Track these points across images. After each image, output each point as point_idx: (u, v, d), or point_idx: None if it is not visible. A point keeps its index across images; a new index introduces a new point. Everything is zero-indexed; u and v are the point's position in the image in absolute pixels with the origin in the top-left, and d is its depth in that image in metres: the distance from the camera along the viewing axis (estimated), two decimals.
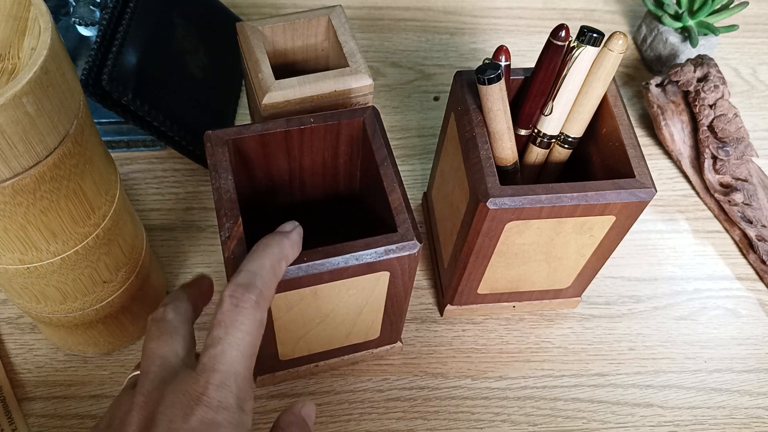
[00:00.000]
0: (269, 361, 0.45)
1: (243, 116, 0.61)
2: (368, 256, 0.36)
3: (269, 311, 0.38)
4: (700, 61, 0.61)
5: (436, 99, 0.65)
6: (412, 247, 0.36)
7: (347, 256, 0.36)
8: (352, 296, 0.39)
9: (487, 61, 0.41)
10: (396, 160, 0.60)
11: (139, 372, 0.31)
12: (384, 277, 0.38)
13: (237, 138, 0.39)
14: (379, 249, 0.36)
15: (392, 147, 0.61)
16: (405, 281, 0.39)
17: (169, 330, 0.32)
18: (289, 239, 0.34)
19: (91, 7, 0.53)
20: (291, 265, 0.35)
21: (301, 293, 0.37)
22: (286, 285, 0.36)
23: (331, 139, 0.42)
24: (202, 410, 0.28)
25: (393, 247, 0.36)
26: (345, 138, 0.42)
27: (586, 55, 0.40)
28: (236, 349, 0.30)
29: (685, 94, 0.61)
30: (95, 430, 0.30)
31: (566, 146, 0.44)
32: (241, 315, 0.30)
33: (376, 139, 0.40)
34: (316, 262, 0.35)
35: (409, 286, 0.40)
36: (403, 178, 0.59)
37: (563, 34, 0.40)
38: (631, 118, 0.58)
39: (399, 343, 0.49)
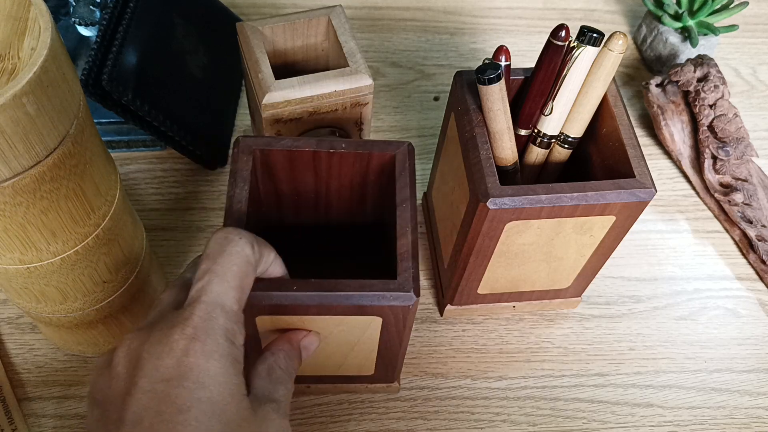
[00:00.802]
0: None
1: (243, 116, 0.61)
2: (360, 298, 0.34)
3: (256, 330, 0.37)
4: (700, 61, 0.61)
5: (436, 99, 0.65)
6: (408, 299, 0.35)
7: (338, 294, 0.34)
8: (342, 332, 0.38)
9: (487, 61, 0.41)
10: None
11: None
12: (376, 321, 0.37)
13: (265, 149, 0.39)
14: (372, 294, 0.34)
15: None
16: (399, 329, 0.38)
17: (178, 284, 0.33)
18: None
19: (91, 7, 0.53)
20: (279, 291, 0.34)
21: (287, 320, 0.37)
22: (271, 309, 0.35)
23: (360, 166, 0.41)
24: (185, 341, 0.28)
25: (388, 294, 0.34)
26: (375, 168, 0.41)
27: (586, 55, 0.40)
28: (223, 281, 0.29)
29: (685, 94, 0.61)
30: (94, 368, 0.30)
31: (566, 146, 0.44)
32: (228, 246, 0.30)
33: (402, 178, 0.39)
34: (305, 293, 0.34)
35: (404, 335, 0.39)
36: None
37: (563, 34, 0.40)
38: (631, 118, 0.57)
39: (396, 384, 0.47)
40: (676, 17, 0.65)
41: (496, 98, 0.40)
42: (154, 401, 0.27)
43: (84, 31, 0.54)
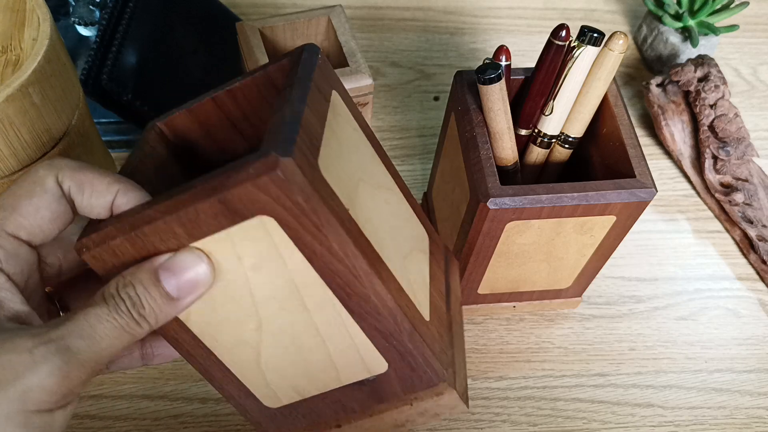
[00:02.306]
0: (255, 409, 0.35)
1: None
2: (218, 185, 0.25)
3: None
4: (701, 61, 0.61)
5: (436, 99, 0.65)
6: (271, 165, 0.24)
7: (192, 192, 0.26)
8: (259, 271, 0.28)
9: (487, 61, 0.41)
10: (396, 159, 0.60)
11: None
12: (274, 229, 0.26)
13: (169, 120, 0.33)
14: (230, 175, 0.25)
15: (393, 147, 0.61)
16: (320, 237, 0.26)
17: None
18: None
19: (90, 6, 0.53)
20: (132, 216, 0.26)
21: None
22: (136, 249, 0.26)
23: (268, 91, 0.33)
24: None
25: (249, 169, 0.24)
26: (284, 85, 0.33)
27: (586, 54, 0.40)
28: None
29: (686, 94, 0.61)
30: None
31: (567, 146, 0.44)
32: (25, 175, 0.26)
33: (292, 72, 0.30)
34: (159, 206, 0.26)
35: (339, 251, 0.26)
36: (403, 178, 0.59)
37: (564, 33, 0.40)
38: (632, 118, 0.57)
39: (449, 392, 0.31)
40: (677, 17, 0.65)
41: (497, 98, 0.40)
42: None
43: (83, 30, 0.54)
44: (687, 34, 0.65)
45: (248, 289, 0.28)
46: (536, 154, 0.45)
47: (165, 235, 0.26)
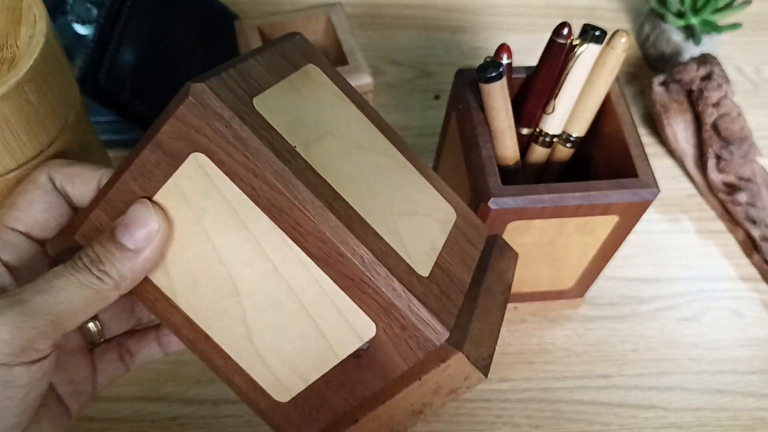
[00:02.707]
0: (268, 405, 0.33)
1: None
2: (152, 130, 0.26)
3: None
4: (704, 59, 0.60)
5: (437, 98, 0.64)
6: (185, 93, 0.24)
7: (138, 144, 0.27)
8: (215, 223, 0.27)
9: (488, 60, 0.40)
10: None
11: None
12: (211, 170, 0.25)
13: None
14: (162, 116, 0.26)
15: None
16: (255, 169, 0.25)
17: None
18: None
19: (88, 5, 0.53)
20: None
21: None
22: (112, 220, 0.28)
23: None
24: None
25: (172, 104, 0.25)
26: None
27: (588, 53, 0.40)
28: None
29: (689, 93, 0.61)
30: None
31: (569, 145, 0.44)
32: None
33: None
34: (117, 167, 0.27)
35: (274, 180, 0.25)
36: None
37: (566, 32, 0.39)
38: (634, 117, 0.57)
39: (457, 355, 0.27)
40: (680, 15, 0.65)
41: (498, 97, 0.39)
42: None
43: (81, 29, 0.54)
44: (690, 32, 0.64)
45: (211, 246, 0.28)
46: (538, 153, 0.45)
47: (126, 196, 0.27)
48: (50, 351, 0.26)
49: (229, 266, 0.28)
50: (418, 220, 0.31)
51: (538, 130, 0.44)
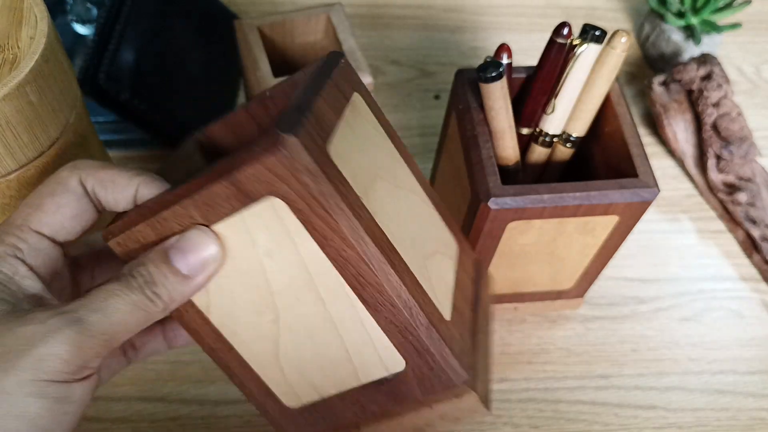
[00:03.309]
0: (276, 408, 0.34)
1: None
2: (228, 168, 0.26)
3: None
4: (704, 59, 0.60)
5: (437, 97, 0.64)
6: (276, 143, 0.24)
7: (208, 175, 0.27)
8: (273, 258, 0.28)
9: (488, 59, 0.40)
10: None
11: None
12: (284, 212, 0.26)
13: (206, 131, 0.35)
14: (240, 156, 0.26)
15: None
16: (328, 220, 0.26)
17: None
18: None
19: (87, 4, 0.53)
20: (151, 205, 0.28)
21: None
22: (158, 235, 0.28)
23: None
24: None
25: (255, 148, 0.25)
26: None
27: (588, 53, 0.40)
28: (23, 203, 0.27)
29: (689, 93, 0.61)
30: None
31: (569, 145, 0.44)
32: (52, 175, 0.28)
33: (311, 73, 0.30)
34: (177, 190, 0.27)
35: (348, 234, 0.26)
36: None
37: (566, 31, 0.39)
38: (634, 117, 0.57)
39: (470, 396, 0.30)
40: (680, 15, 0.65)
41: (498, 97, 0.39)
42: None
43: (81, 29, 0.54)
44: (690, 32, 0.64)
45: (264, 278, 0.29)
46: (538, 153, 0.45)
47: (182, 219, 0.27)
48: (98, 367, 0.27)
49: (278, 298, 0.29)
50: (438, 260, 0.33)
51: (538, 130, 0.44)
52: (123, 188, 0.28)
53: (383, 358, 0.30)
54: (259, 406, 0.34)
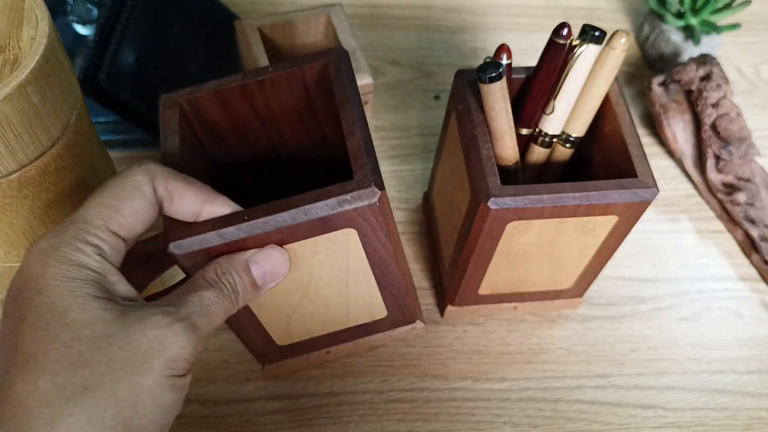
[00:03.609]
0: (266, 346, 0.42)
1: None
2: (319, 209, 0.30)
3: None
4: (703, 60, 0.61)
5: (436, 98, 0.64)
6: (371, 195, 0.30)
7: (294, 211, 0.30)
8: (324, 262, 0.34)
9: (488, 60, 0.40)
10: (396, 159, 0.60)
11: None
12: (351, 236, 0.32)
13: (191, 98, 0.36)
14: (331, 200, 0.30)
15: (393, 146, 0.61)
16: (382, 240, 0.33)
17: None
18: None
19: (88, 5, 0.53)
20: (229, 226, 0.31)
21: None
22: (228, 248, 0.31)
23: (297, 87, 0.37)
24: (30, 255, 0.28)
25: (348, 197, 0.30)
26: (314, 84, 0.37)
27: (588, 53, 0.40)
28: (94, 199, 0.29)
29: (688, 93, 0.61)
30: None
31: (568, 146, 0.44)
32: (121, 175, 0.30)
33: (339, 79, 0.34)
34: (259, 220, 0.30)
35: (389, 247, 0.34)
36: (403, 178, 0.59)
37: (565, 32, 0.39)
38: (634, 118, 0.57)
39: (419, 323, 0.44)
40: (679, 16, 0.65)
41: (498, 97, 0.39)
42: (4, 321, 0.27)
43: (81, 29, 0.54)
44: (689, 32, 0.65)
45: (309, 273, 0.35)
46: (537, 153, 0.45)
47: (261, 241, 0.31)
48: None
49: (313, 283, 0.36)
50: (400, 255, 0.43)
51: (537, 130, 0.44)
52: (189, 203, 0.31)
53: (372, 312, 0.41)
54: (248, 340, 0.41)
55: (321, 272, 0.35)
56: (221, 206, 0.31)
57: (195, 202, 0.31)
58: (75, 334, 0.26)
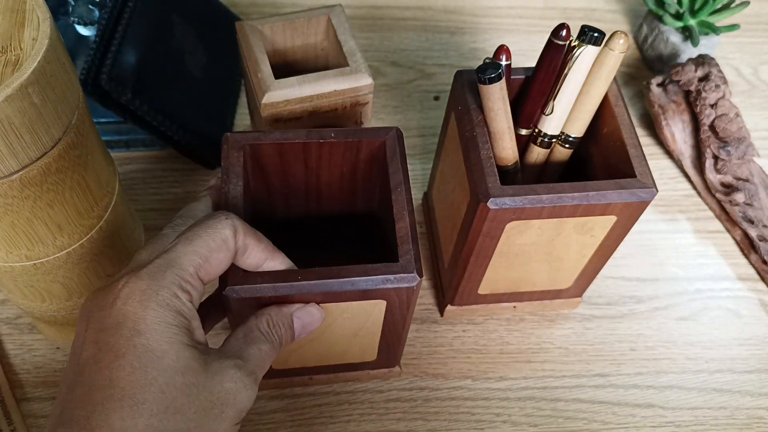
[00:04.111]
0: None
1: (242, 116, 0.61)
2: (364, 283, 0.35)
3: None
4: (702, 60, 0.61)
5: (436, 98, 0.65)
6: (411, 280, 0.35)
7: (342, 280, 0.35)
8: (347, 319, 0.39)
9: (487, 61, 0.40)
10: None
11: None
12: (381, 305, 0.37)
13: (254, 144, 0.39)
14: (376, 278, 0.35)
15: None
16: (403, 312, 0.38)
17: (152, 242, 0.34)
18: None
19: (90, 6, 0.53)
20: (284, 282, 0.35)
21: None
22: (276, 300, 0.35)
23: (350, 155, 0.41)
24: (127, 291, 0.29)
25: (391, 277, 0.35)
26: (365, 156, 0.41)
27: (587, 54, 0.40)
28: (187, 245, 0.31)
29: (686, 94, 0.61)
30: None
31: (567, 146, 0.44)
32: (209, 220, 0.32)
33: (394, 162, 0.39)
34: (310, 282, 0.35)
35: (407, 317, 0.39)
36: None
37: (564, 33, 0.40)
38: (632, 118, 0.57)
39: (397, 368, 0.48)
40: (677, 16, 0.65)
41: (497, 98, 0.40)
42: (95, 350, 0.28)
43: (83, 30, 0.54)
44: (687, 33, 0.65)
45: (330, 325, 0.39)
46: (536, 154, 0.45)
47: (305, 299, 0.35)
48: None
49: (327, 333, 0.40)
50: None
51: (536, 130, 0.44)
52: (256, 257, 0.34)
53: (364, 355, 0.45)
54: None
55: (340, 325, 0.39)
56: (280, 263, 0.35)
57: (260, 257, 0.34)
58: (170, 380, 0.28)
